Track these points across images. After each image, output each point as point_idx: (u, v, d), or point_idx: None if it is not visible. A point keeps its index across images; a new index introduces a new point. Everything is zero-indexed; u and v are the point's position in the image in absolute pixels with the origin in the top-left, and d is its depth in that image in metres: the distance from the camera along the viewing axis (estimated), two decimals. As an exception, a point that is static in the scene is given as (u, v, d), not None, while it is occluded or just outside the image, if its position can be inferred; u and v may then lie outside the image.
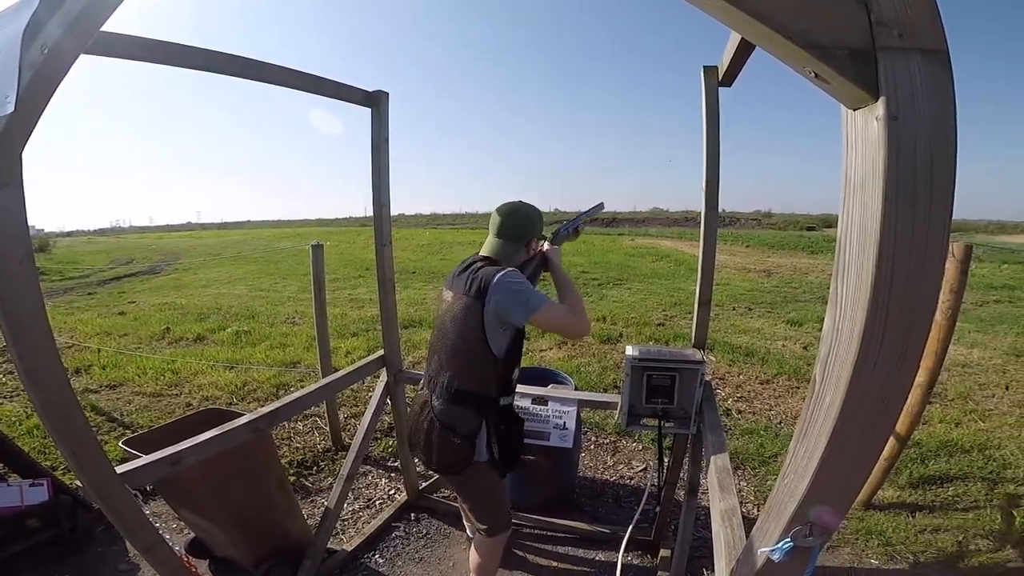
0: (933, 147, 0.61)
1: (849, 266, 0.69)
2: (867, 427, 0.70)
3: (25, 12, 0.99)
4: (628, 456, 3.38)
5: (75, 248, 28.75)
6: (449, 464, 1.67)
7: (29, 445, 3.27)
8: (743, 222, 45.58)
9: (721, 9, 0.66)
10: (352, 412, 3.95)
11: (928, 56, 0.61)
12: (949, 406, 4.13)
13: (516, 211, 1.77)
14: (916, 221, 0.62)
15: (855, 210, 0.68)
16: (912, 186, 0.61)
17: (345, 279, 11.24)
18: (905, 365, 0.66)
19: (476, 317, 1.57)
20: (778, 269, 12.87)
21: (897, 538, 2.53)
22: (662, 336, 6.19)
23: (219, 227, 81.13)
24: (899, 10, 0.61)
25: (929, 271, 0.63)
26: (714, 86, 1.89)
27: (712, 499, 1.48)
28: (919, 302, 0.64)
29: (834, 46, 0.63)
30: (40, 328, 1.13)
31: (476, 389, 1.64)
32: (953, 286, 2.50)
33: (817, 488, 0.74)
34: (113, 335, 6.56)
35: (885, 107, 0.61)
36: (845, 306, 0.70)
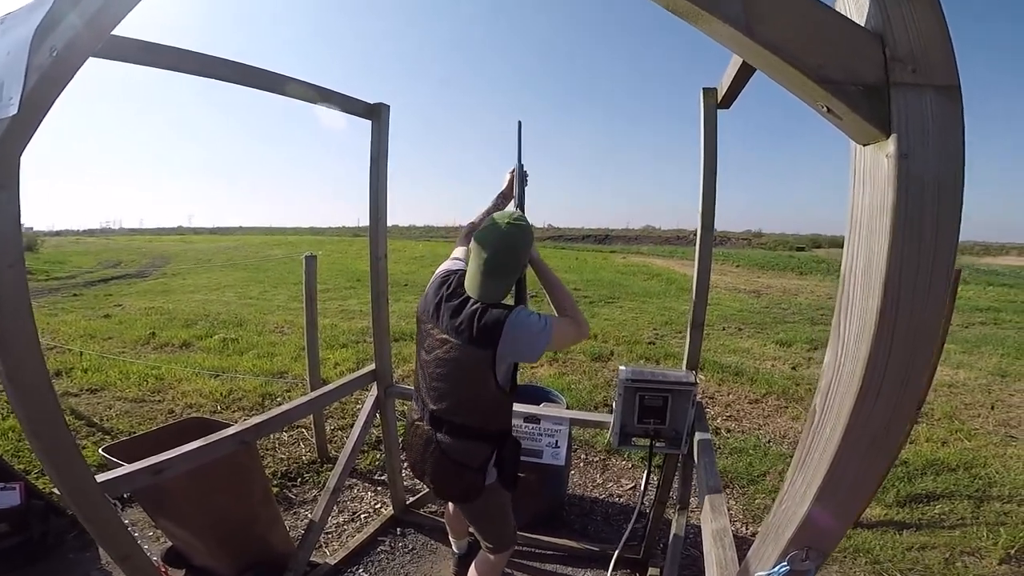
0: (942, 185, 0.61)
1: (853, 301, 0.70)
2: (866, 457, 0.70)
3: (36, 14, 0.98)
4: (617, 474, 3.36)
5: (63, 248, 28.37)
6: (462, 495, 1.64)
7: (3, 448, 3.19)
8: (734, 241, 46.08)
9: (736, 41, 0.67)
10: (339, 424, 3.89)
11: (941, 92, 0.62)
12: (936, 425, 4.20)
13: (508, 243, 1.52)
14: (922, 258, 0.62)
15: (861, 246, 0.68)
16: (919, 224, 0.62)
17: (336, 290, 11.17)
18: (906, 398, 0.67)
19: (485, 364, 1.47)
20: (768, 290, 12.99)
21: (885, 556, 2.55)
22: (653, 355, 6.20)
23: (211, 232, 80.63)
24: (914, 44, 0.62)
25: (932, 308, 0.63)
26: (713, 107, 1.90)
27: (704, 519, 1.48)
28: (921, 338, 0.64)
29: (848, 82, 0.63)
30: (26, 334, 1.11)
31: (489, 425, 1.59)
32: (941, 311, 2.55)
33: (815, 513, 0.74)
34: (97, 338, 6.45)
35: (896, 145, 0.62)
36: (848, 340, 0.70)
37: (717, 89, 1.87)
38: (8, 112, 0.97)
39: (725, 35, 0.67)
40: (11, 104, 0.97)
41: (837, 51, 0.64)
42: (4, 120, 0.99)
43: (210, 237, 51.78)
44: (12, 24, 1.03)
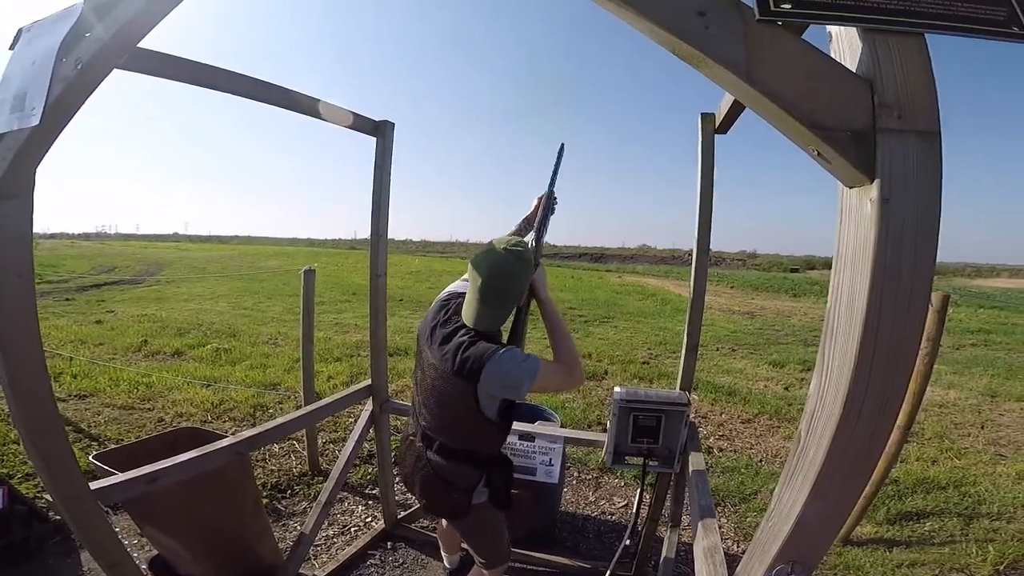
0: (919, 228, 0.66)
1: (837, 334, 0.74)
2: (847, 479, 0.74)
3: (63, 25, 1.00)
4: (610, 492, 3.35)
5: (57, 251, 28.16)
6: (449, 513, 1.68)
7: None
8: (729, 262, 46.44)
9: (737, 87, 0.71)
10: (331, 437, 3.87)
11: (923, 138, 0.66)
12: (926, 445, 4.25)
13: (504, 270, 1.48)
14: (899, 296, 0.67)
15: (844, 283, 0.73)
16: (898, 264, 0.66)
17: (331, 303, 11.14)
18: (883, 424, 0.71)
19: (468, 397, 1.45)
20: (761, 311, 13.08)
21: (875, 572, 2.57)
22: (647, 374, 6.21)
23: (206, 240, 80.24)
24: (901, 90, 0.66)
25: (908, 341, 0.68)
26: (711, 133, 1.93)
27: (696, 538, 1.49)
28: (898, 370, 0.69)
29: (838, 128, 0.67)
30: (31, 344, 1.13)
31: (478, 450, 1.59)
32: (930, 334, 2.60)
33: (800, 531, 0.78)
34: (88, 344, 6.41)
35: (879, 190, 0.66)
36: (832, 370, 0.74)
37: (715, 115, 1.90)
38: (30, 122, 0.98)
39: (725, 80, 0.71)
40: (33, 114, 0.98)
41: (830, 98, 0.68)
42: (24, 130, 1.00)
43: (205, 245, 51.62)
44: (38, 33, 1.06)
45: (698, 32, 0.68)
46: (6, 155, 1.03)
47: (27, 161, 1.05)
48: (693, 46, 0.68)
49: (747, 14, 0.68)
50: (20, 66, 1.05)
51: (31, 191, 1.09)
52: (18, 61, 1.07)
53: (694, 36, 0.68)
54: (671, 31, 0.68)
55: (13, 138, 1.03)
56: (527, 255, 1.53)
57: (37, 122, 0.97)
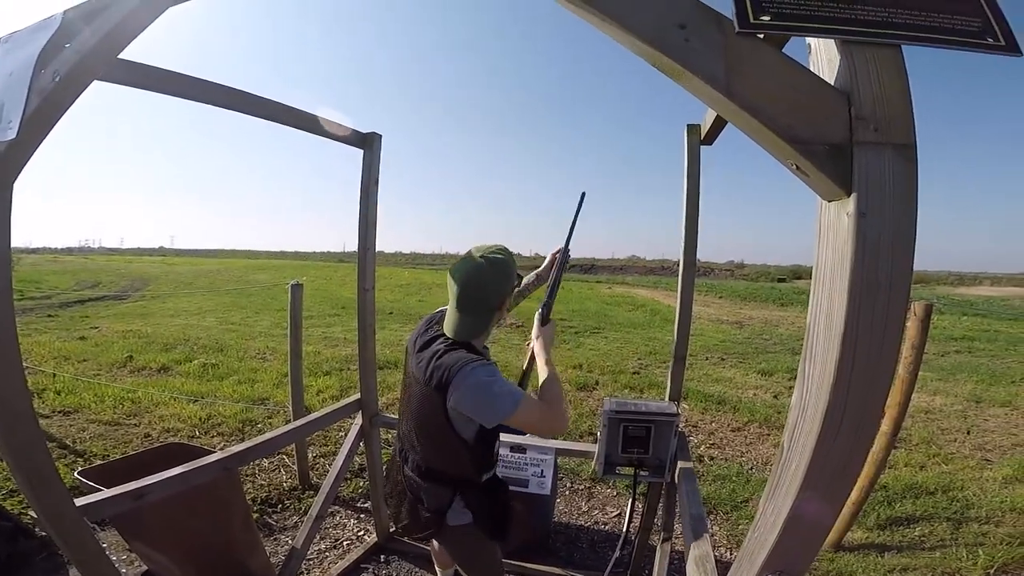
0: (896, 242, 0.66)
1: (816, 349, 0.75)
2: (828, 488, 0.75)
3: (40, 36, 0.98)
4: (603, 502, 3.35)
5: (40, 267, 27.64)
6: (411, 529, 1.62)
7: None
8: (717, 272, 46.87)
9: (716, 100, 0.71)
10: (321, 451, 3.83)
11: (899, 151, 0.67)
12: (914, 451, 4.30)
13: (478, 277, 1.42)
14: (876, 311, 0.67)
15: (823, 298, 0.74)
16: (875, 279, 0.67)
17: (320, 317, 11.04)
18: (862, 435, 0.72)
19: (439, 410, 1.38)
20: (750, 321, 13.20)
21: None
22: (637, 384, 6.23)
23: (192, 254, 79.42)
24: (878, 102, 0.67)
25: (886, 355, 0.69)
26: (696, 144, 1.95)
27: (687, 547, 1.50)
28: (877, 385, 0.70)
29: (816, 141, 0.68)
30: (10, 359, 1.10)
31: (448, 470, 1.52)
32: (914, 342, 2.65)
33: (784, 540, 0.79)
34: (72, 360, 6.30)
35: (856, 204, 0.67)
36: (811, 385, 0.75)
37: (700, 126, 1.92)
38: (6, 136, 0.96)
39: (704, 93, 0.72)
40: (10, 128, 0.96)
41: (808, 111, 0.68)
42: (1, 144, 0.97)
43: (192, 260, 51.08)
44: (16, 45, 1.03)
45: (679, 45, 0.69)
46: None
47: (3, 175, 1.01)
48: (674, 59, 0.69)
49: (727, 27, 0.69)
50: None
51: (8, 206, 1.05)
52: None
53: (675, 49, 0.69)
54: (652, 44, 0.69)
55: None
56: (504, 262, 1.46)
57: (14, 135, 0.95)
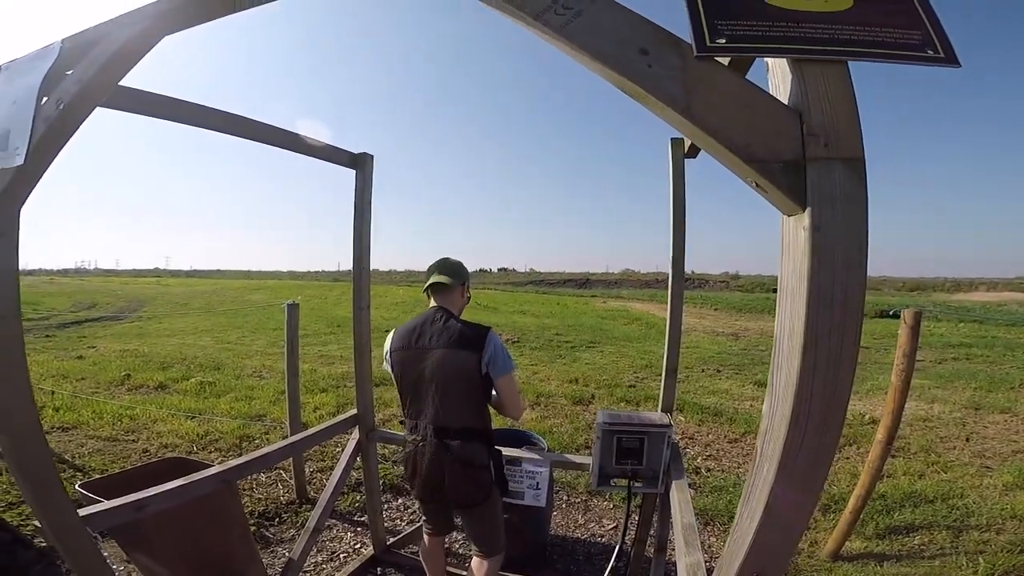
0: (849, 254, 0.70)
1: (781, 359, 0.79)
2: (799, 488, 0.78)
3: (41, 64, 1.02)
4: (599, 515, 3.36)
5: (36, 288, 27.58)
6: (476, 494, 1.90)
7: None
8: (712, 284, 46.98)
9: (677, 122, 0.76)
10: (319, 467, 3.84)
11: (848, 164, 0.70)
12: (912, 459, 4.27)
13: (451, 259, 2.07)
14: (833, 322, 0.71)
15: (787, 311, 0.78)
16: (831, 291, 0.71)
17: (316, 335, 11.07)
18: (826, 438, 0.75)
19: (473, 364, 1.83)
20: (745, 332, 13.25)
21: None
22: (633, 398, 6.25)
23: (188, 275, 79.27)
24: (827, 118, 0.71)
25: (845, 362, 0.73)
26: (680, 157, 2.00)
27: (678, 554, 1.52)
28: (836, 389, 0.73)
29: (771, 159, 0.72)
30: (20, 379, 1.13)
31: (481, 425, 1.91)
32: (905, 350, 2.66)
33: (760, 542, 0.81)
34: (70, 378, 6.31)
35: (811, 218, 0.70)
36: (778, 395, 0.79)
37: (684, 140, 1.97)
38: (14, 162, 0.99)
39: (667, 115, 0.76)
40: (17, 154, 0.99)
41: (763, 130, 0.72)
42: (8, 170, 1.01)
43: (187, 281, 50.98)
44: (16, 73, 1.07)
45: (641, 71, 0.73)
46: None
47: (11, 201, 1.04)
48: (637, 84, 0.73)
49: (686, 51, 0.73)
50: (1, 105, 1.06)
51: (16, 230, 1.08)
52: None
53: (637, 74, 0.73)
54: (616, 70, 0.74)
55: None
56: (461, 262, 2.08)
57: (21, 162, 0.97)
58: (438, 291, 2.00)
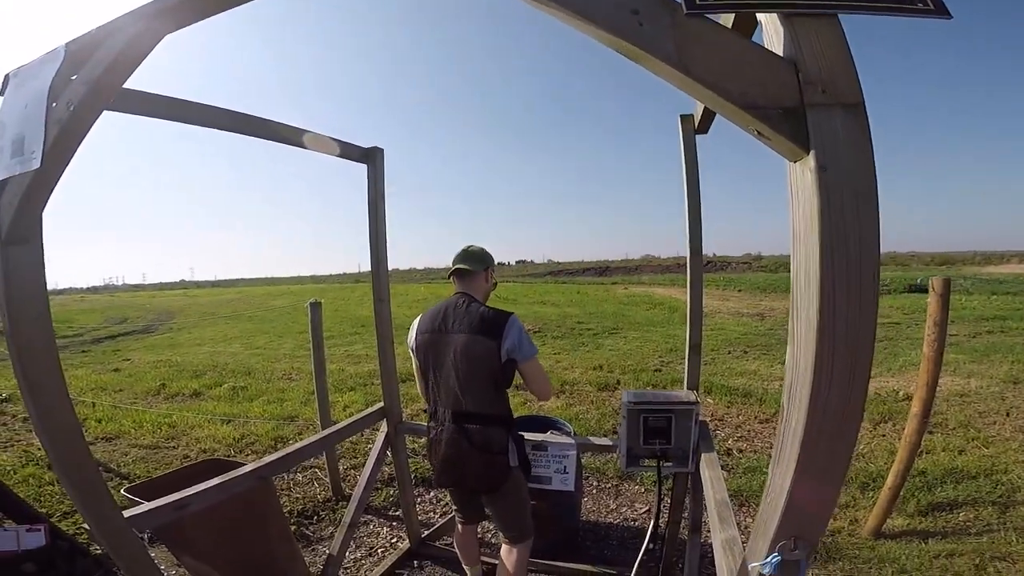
0: (859, 192, 0.70)
1: (800, 306, 0.78)
2: (830, 443, 0.75)
3: (48, 68, 1.04)
4: (631, 499, 3.35)
5: (68, 307, 28.52)
6: (494, 479, 1.91)
7: (24, 493, 3.22)
8: (734, 266, 46.22)
9: (672, 76, 0.77)
10: (352, 464, 3.91)
11: (848, 110, 0.70)
12: (951, 435, 4.16)
13: (474, 246, 2.09)
14: (849, 261, 0.70)
15: (801, 254, 0.77)
16: (843, 230, 0.70)
17: (341, 336, 11.23)
18: (855, 384, 0.73)
19: (493, 350, 1.84)
20: (771, 312, 13.02)
21: (912, 565, 2.51)
22: (660, 381, 6.21)
23: (213, 285, 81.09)
24: (822, 68, 0.72)
25: (865, 303, 0.71)
26: (691, 134, 1.99)
27: (713, 531, 1.50)
28: (859, 331, 0.71)
29: (770, 106, 0.73)
30: (56, 383, 1.17)
31: (500, 411, 1.92)
32: (936, 319, 2.58)
33: (794, 504, 0.79)
34: (108, 390, 6.53)
35: (815, 159, 0.71)
36: (800, 340, 0.77)
37: (693, 115, 1.96)
38: (32, 165, 1.01)
39: (664, 72, 0.77)
40: (34, 158, 1.01)
41: (759, 79, 0.73)
42: (27, 174, 1.03)
43: (213, 290, 52.16)
44: (25, 78, 1.09)
45: (634, 30, 0.74)
46: (12, 200, 1.07)
47: (33, 205, 1.07)
48: (631, 43, 0.75)
49: (677, 10, 0.75)
50: (13, 111, 1.08)
51: (40, 234, 1.11)
52: (11, 106, 1.10)
53: (631, 34, 0.75)
54: (610, 31, 0.75)
55: (17, 183, 1.06)
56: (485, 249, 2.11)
57: (38, 165, 1.00)
58: (461, 277, 2.02)
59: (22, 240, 1.09)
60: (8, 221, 1.07)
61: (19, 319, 1.10)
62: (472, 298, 1.97)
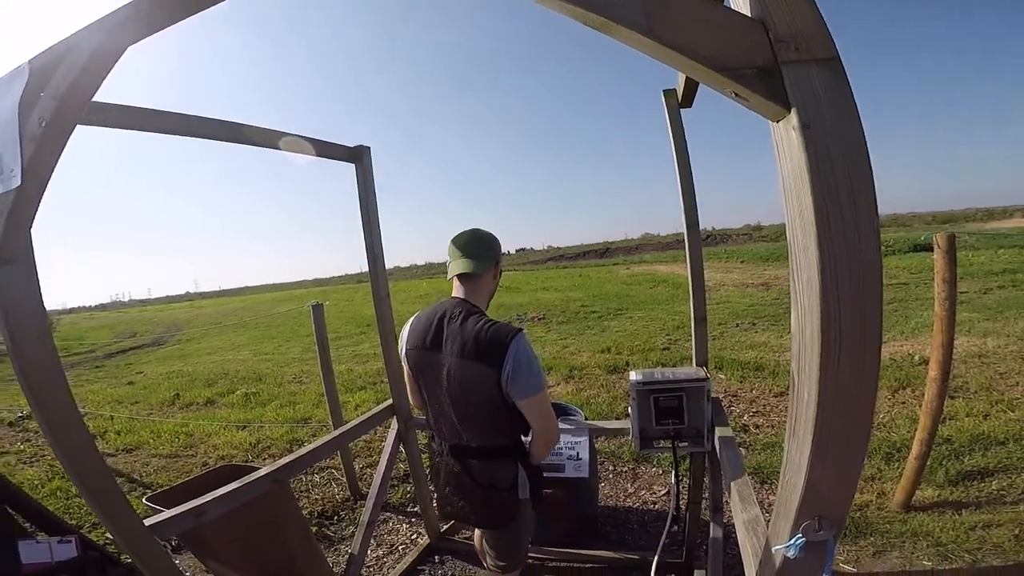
0: (846, 147, 0.68)
1: (800, 267, 0.74)
2: (847, 412, 0.72)
3: (17, 85, 1.02)
4: (649, 481, 3.35)
5: (78, 324, 28.78)
6: (500, 517, 1.64)
7: (52, 506, 3.29)
8: (735, 238, 45.91)
9: (643, 44, 0.75)
10: (367, 462, 3.93)
11: (823, 65, 0.69)
12: (974, 399, 4.00)
13: (481, 232, 1.68)
14: (845, 215, 0.68)
15: (794, 213, 0.74)
16: (834, 184, 0.68)
17: (347, 336, 11.25)
18: (867, 343, 0.69)
19: (494, 380, 1.47)
20: (776, 281, 12.93)
21: (947, 537, 2.43)
22: (669, 359, 6.19)
23: (218, 295, 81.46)
24: (792, 25, 0.70)
25: (867, 257, 0.68)
26: (675, 107, 1.95)
27: (735, 511, 1.47)
28: (865, 286, 0.68)
29: (743, 67, 0.71)
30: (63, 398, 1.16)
31: (506, 441, 1.61)
32: (944, 276, 2.52)
33: (814, 478, 0.75)
34: (124, 403, 6.61)
35: (797, 117, 0.69)
36: (803, 303, 0.74)
37: (676, 89, 1.93)
38: (12, 184, 0.99)
39: (633, 40, 0.75)
40: (13, 176, 0.99)
41: (728, 40, 0.72)
42: (9, 193, 1.01)
43: (218, 300, 52.40)
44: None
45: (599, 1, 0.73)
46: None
47: (19, 223, 1.05)
48: (598, 14, 0.73)
49: None
50: None
51: (31, 253, 1.09)
52: None
53: (597, 5, 0.73)
54: (577, 4, 0.73)
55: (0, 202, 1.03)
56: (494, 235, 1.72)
57: (19, 183, 0.98)
58: (463, 280, 1.65)
59: (10, 260, 1.07)
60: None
61: (20, 338, 1.09)
62: (470, 308, 1.59)
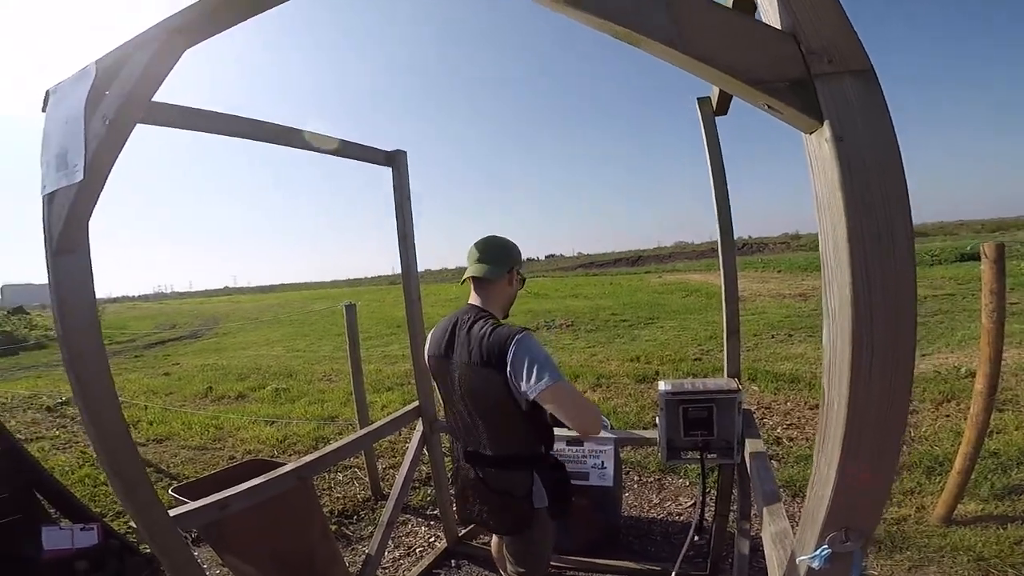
0: (880, 159, 0.66)
1: (832, 279, 0.73)
2: (877, 425, 0.70)
3: (83, 85, 1.10)
4: (675, 492, 3.26)
5: (122, 314, 30.12)
6: (516, 526, 1.62)
7: (80, 493, 3.37)
8: (772, 247, 44.72)
9: (673, 56, 0.74)
10: (390, 463, 3.94)
11: (858, 76, 0.68)
12: (1023, 412, 3.89)
13: (498, 238, 1.70)
14: (879, 228, 0.66)
15: (827, 225, 0.72)
16: (867, 198, 0.66)
17: (378, 337, 11.40)
18: (899, 355, 0.68)
19: (499, 384, 1.46)
20: (814, 292, 12.50)
21: (990, 552, 2.34)
22: (700, 370, 6.04)
23: (255, 291, 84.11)
24: (823, 37, 0.68)
25: (901, 270, 0.66)
26: (710, 115, 1.96)
27: (763, 525, 1.43)
28: (898, 298, 0.67)
29: (776, 79, 0.70)
30: (105, 387, 1.22)
31: (520, 450, 1.59)
32: (992, 287, 2.43)
33: (842, 492, 0.74)
34: (159, 394, 6.84)
35: (831, 129, 0.67)
36: (836, 316, 0.72)
37: (711, 98, 1.93)
38: (76, 178, 1.07)
39: (663, 53, 0.74)
40: (77, 171, 1.07)
41: (760, 53, 0.71)
42: (72, 186, 1.09)
43: (255, 296, 54.04)
44: (63, 95, 1.15)
45: (630, 14, 0.72)
46: (61, 212, 1.13)
47: (79, 215, 1.13)
48: (629, 28, 0.72)
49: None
50: (55, 126, 1.15)
51: (87, 244, 1.18)
52: (53, 121, 1.16)
53: (627, 19, 0.72)
54: (605, 17, 0.72)
55: (63, 196, 1.12)
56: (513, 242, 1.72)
57: (81, 177, 1.06)
58: (476, 285, 1.66)
59: (71, 249, 1.16)
60: (57, 232, 1.14)
61: (71, 326, 1.17)
62: (480, 312, 1.59)
